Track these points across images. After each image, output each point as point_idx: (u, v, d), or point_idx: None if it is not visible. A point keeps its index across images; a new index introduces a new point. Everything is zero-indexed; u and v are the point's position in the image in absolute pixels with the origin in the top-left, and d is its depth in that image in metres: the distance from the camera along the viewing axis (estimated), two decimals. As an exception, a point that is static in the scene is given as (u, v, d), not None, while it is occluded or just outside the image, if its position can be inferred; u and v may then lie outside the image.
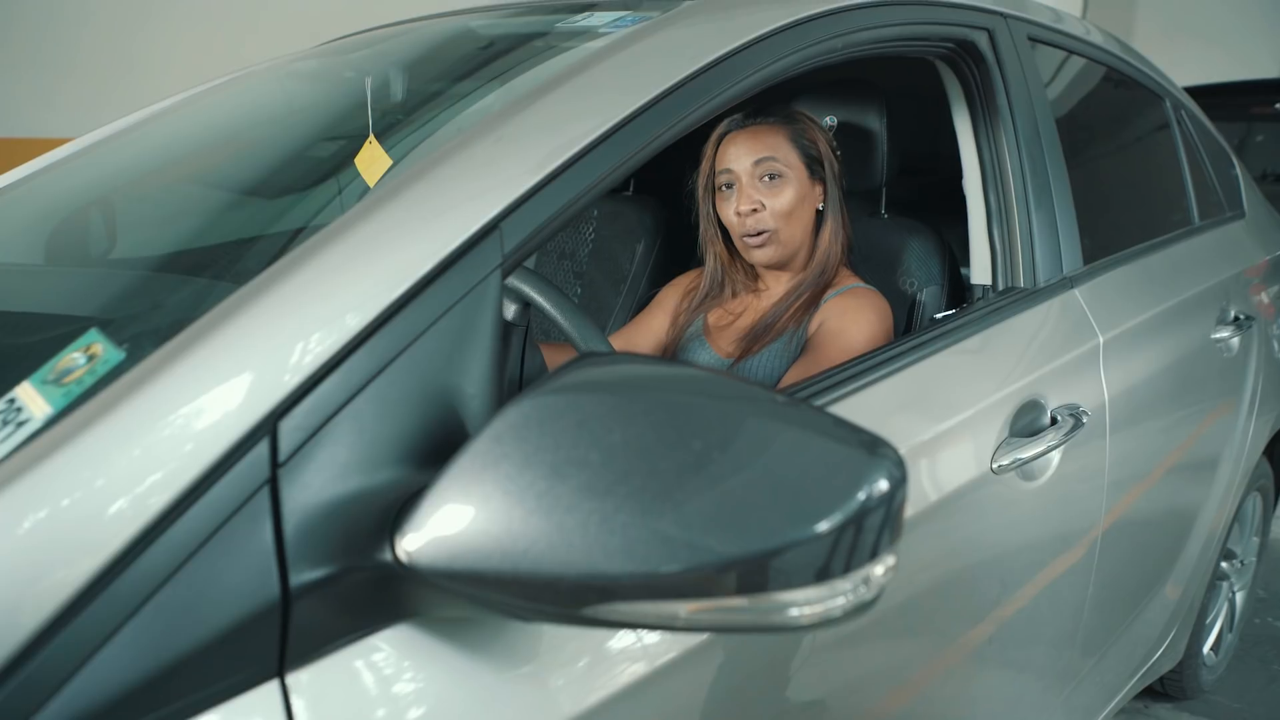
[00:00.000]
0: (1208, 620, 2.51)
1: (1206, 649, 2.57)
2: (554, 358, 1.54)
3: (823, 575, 0.59)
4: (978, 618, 1.33)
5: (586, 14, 1.36)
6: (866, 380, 1.16)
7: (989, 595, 1.34)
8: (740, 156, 1.65)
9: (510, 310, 1.35)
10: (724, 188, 1.68)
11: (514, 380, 1.34)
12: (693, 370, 0.66)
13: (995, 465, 1.27)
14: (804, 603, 0.59)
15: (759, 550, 0.57)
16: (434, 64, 1.50)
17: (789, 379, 1.56)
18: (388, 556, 0.67)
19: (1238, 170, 2.71)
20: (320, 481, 0.67)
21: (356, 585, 0.67)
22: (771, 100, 1.71)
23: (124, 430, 0.63)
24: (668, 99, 0.98)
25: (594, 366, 0.66)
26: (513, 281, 1.30)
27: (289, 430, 0.66)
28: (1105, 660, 1.82)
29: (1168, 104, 2.37)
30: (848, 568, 0.59)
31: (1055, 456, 1.39)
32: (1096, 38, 2.03)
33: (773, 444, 0.60)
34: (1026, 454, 1.29)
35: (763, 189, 1.63)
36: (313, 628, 0.66)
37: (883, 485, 0.59)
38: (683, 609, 0.59)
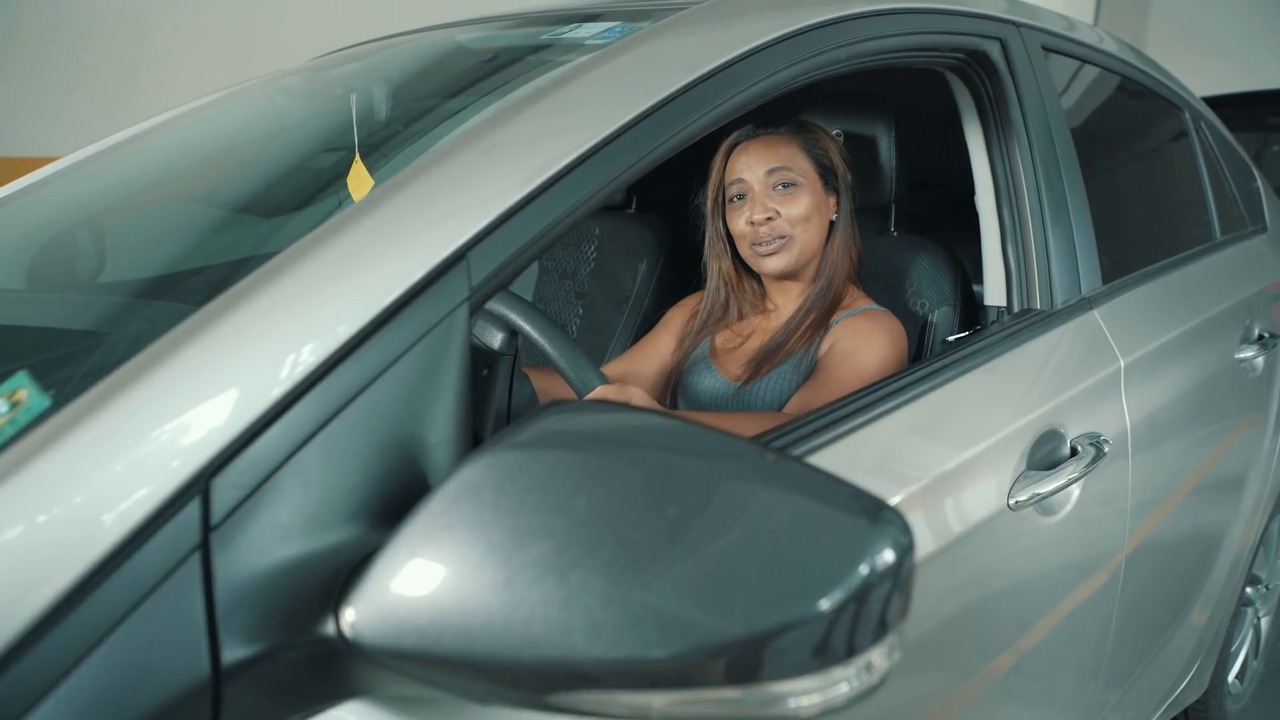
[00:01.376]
0: (1233, 648, 2.42)
1: (1231, 678, 2.48)
2: (545, 385, 1.46)
3: (822, 660, 0.51)
4: (994, 655, 1.26)
5: (577, 26, 1.29)
6: (876, 412, 1.09)
7: (1006, 633, 1.26)
8: (753, 165, 1.59)
9: (497, 339, 1.28)
10: (735, 199, 1.61)
11: (502, 413, 1.27)
12: (670, 422, 0.58)
13: (1012, 501, 1.19)
14: (801, 692, 0.51)
15: (745, 634, 0.49)
16: (421, 80, 1.44)
17: (796, 401, 1.48)
18: (331, 630, 0.59)
19: (1259, 182, 2.63)
20: (258, 546, 0.60)
21: (297, 662, 0.60)
22: (774, 113, 1.65)
23: (31, 492, 0.56)
24: (658, 114, 0.91)
25: (561, 416, 0.59)
26: (499, 308, 1.23)
27: (224, 489, 0.59)
28: (1130, 694, 1.73)
29: (1186, 114, 2.29)
30: (850, 651, 0.51)
31: (1075, 489, 1.31)
32: (1111, 46, 1.95)
33: (759, 511, 0.52)
34: (1045, 489, 1.21)
35: (777, 197, 1.57)
36: (248, 710, 0.59)
37: (888, 557, 0.51)
38: (660, 700, 0.51)
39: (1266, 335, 2.09)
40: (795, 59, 1.08)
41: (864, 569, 0.51)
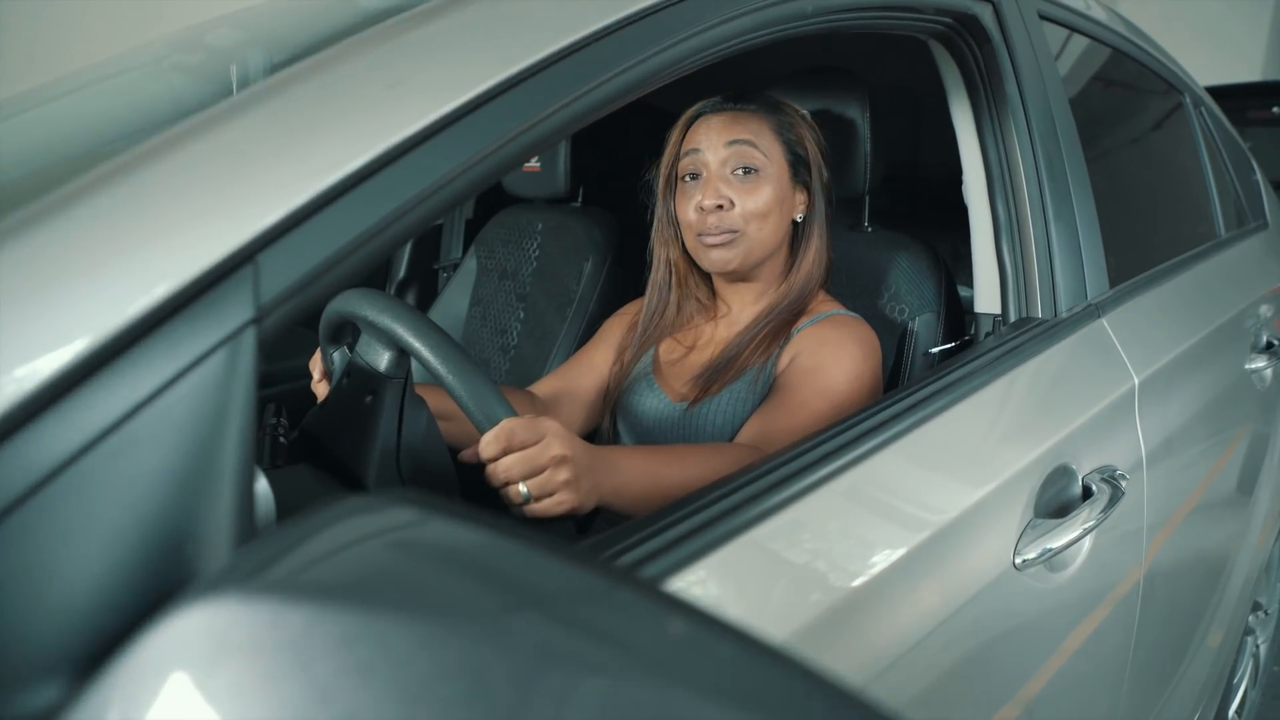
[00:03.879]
0: (1234, 680, 2.23)
1: (1232, 712, 2.29)
2: (444, 407, 1.21)
3: None
4: (996, 708, 1.03)
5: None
6: (852, 455, 0.86)
7: (1006, 688, 1.04)
8: (712, 139, 1.35)
9: (383, 359, 1.04)
10: (688, 178, 1.37)
11: (390, 450, 1.03)
12: (513, 545, 0.35)
13: (1019, 560, 0.97)
14: None
15: None
16: (294, 41, 1.20)
17: (752, 427, 1.24)
18: None
19: (1259, 176, 2.43)
20: None
21: None
22: (745, 88, 1.42)
23: None
24: (555, 68, 0.67)
25: (346, 527, 0.36)
26: (385, 322, 1.00)
27: None
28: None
29: (1187, 99, 2.08)
30: None
31: (1089, 537, 1.09)
32: (1101, 14, 1.73)
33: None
34: (1057, 543, 0.99)
35: (734, 183, 1.33)
36: None
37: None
38: None
39: (1276, 343, 1.89)
40: (748, 6, 0.85)
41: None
